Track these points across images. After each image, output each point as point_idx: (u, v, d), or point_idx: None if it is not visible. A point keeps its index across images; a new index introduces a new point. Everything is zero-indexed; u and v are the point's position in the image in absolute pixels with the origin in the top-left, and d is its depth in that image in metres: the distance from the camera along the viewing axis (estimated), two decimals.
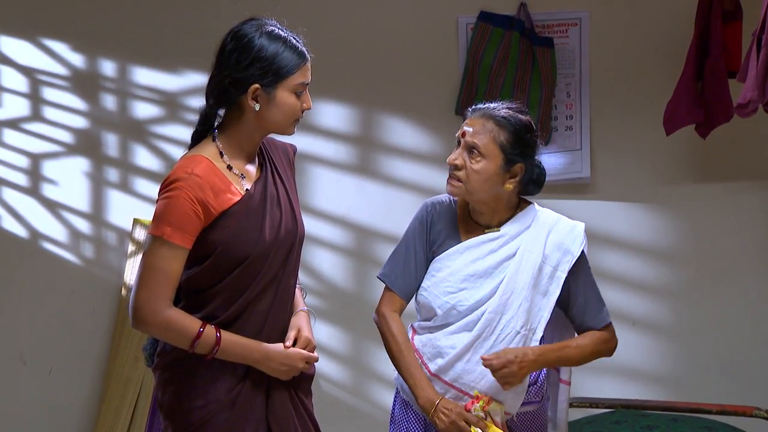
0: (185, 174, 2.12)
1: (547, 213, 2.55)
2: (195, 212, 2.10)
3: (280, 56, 2.14)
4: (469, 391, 2.43)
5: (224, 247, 2.15)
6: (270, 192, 2.24)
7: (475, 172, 2.42)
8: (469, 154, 2.44)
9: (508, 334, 2.43)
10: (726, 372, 3.80)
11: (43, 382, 4.06)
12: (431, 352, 2.48)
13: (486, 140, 2.42)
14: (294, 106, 2.20)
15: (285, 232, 2.24)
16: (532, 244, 2.47)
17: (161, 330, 2.14)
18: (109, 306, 4.03)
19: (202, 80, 3.94)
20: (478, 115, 2.47)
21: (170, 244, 2.10)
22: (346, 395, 4.00)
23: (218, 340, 2.14)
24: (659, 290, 3.85)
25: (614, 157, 3.85)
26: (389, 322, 2.52)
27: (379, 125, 3.96)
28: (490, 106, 2.49)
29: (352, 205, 3.99)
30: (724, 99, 3.45)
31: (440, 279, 2.49)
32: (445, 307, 2.47)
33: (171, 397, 2.22)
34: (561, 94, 3.86)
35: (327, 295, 3.92)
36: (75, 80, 4.07)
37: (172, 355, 2.21)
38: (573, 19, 3.85)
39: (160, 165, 4.05)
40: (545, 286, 2.47)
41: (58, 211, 4.09)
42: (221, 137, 2.22)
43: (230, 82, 2.15)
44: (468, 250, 2.49)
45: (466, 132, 2.46)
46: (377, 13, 3.96)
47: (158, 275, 2.10)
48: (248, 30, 2.16)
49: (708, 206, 3.82)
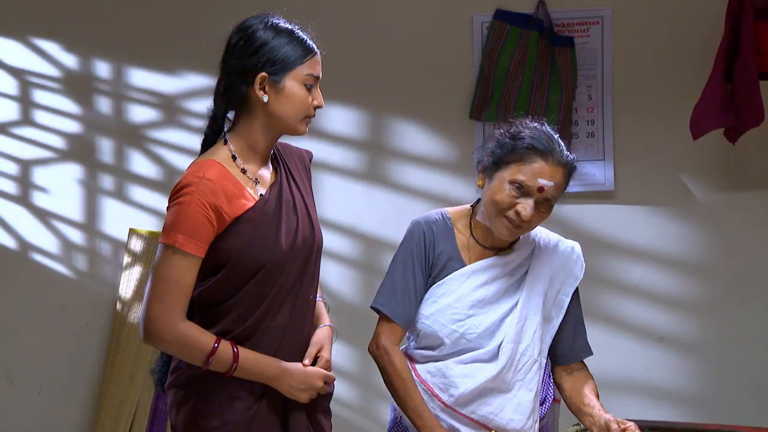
0: (196, 179, 2.09)
1: (545, 233, 2.47)
2: (208, 219, 2.08)
3: (286, 46, 2.14)
4: (488, 423, 2.35)
5: (239, 255, 2.12)
6: (285, 198, 2.21)
7: (540, 221, 2.33)
8: (537, 203, 2.28)
9: (526, 363, 2.37)
10: (758, 392, 3.71)
11: (31, 403, 4.04)
12: (443, 382, 2.37)
13: (558, 193, 2.31)
14: (303, 99, 2.17)
15: (302, 240, 2.21)
16: (539, 267, 2.41)
17: (175, 345, 2.10)
18: (103, 321, 4.01)
19: (201, 82, 3.98)
20: (557, 164, 2.28)
21: (183, 252, 2.06)
22: (353, 415, 3.93)
23: (236, 356, 2.10)
24: (687, 305, 3.76)
25: (638, 163, 3.78)
26: (392, 357, 2.37)
27: (389, 130, 3.92)
28: (557, 148, 2.30)
29: (361, 214, 3.95)
30: (755, 102, 3.38)
31: (445, 305, 2.37)
32: (453, 336, 2.36)
33: (186, 417, 2.18)
34: (582, 96, 3.79)
35: (334, 309, 3.71)
36: (67, 82, 4.07)
37: (187, 373, 2.17)
38: (594, 17, 3.78)
39: (157, 172, 4.06)
40: (548, 311, 2.41)
41: (50, 221, 4.11)
42: (233, 139, 2.20)
43: (236, 72, 2.15)
44: (474, 275, 2.37)
45: (545, 187, 2.27)
46: (387, 12, 3.92)
47: (171, 286, 2.06)
48: (253, 22, 2.18)
49: (738, 215, 3.74)
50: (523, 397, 2.35)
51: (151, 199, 4.02)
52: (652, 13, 3.74)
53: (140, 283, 3.93)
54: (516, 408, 2.34)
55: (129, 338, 3.89)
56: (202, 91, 3.97)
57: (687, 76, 3.68)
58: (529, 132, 2.32)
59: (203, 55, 3.95)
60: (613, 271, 3.74)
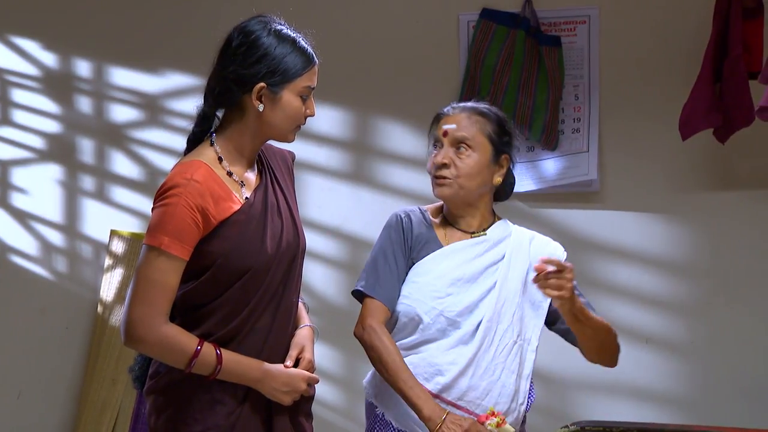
0: (184, 180, 2.07)
1: (522, 228, 2.58)
2: (194, 221, 2.06)
3: (288, 56, 2.13)
4: (475, 409, 2.37)
5: (224, 259, 2.11)
6: (270, 201, 2.20)
7: (467, 166, 2.43)
8: (456, 151, 2.45)
9: (506, 345, 2.41)
10: (746, 393, 3.69)
11: (10, 407, 4.02)
12: (428, 371, 2.39)
13: (474, 132, 2.45)
14: (298, 110, 2.18)
15: (286, 243, 2.20)
16: (517, 251, 2.48)
17: (157, 348, 2.08)
18: (84, 324, 3.99)
19: (183, 81, 3.95)
20: (459, 111, 2.50)
21: (168, 254, 2.05)
22: (338, 418, 3.91)
23: (219, 358, 2.09)
24: (674, 306, 3.75)
25: (626, 164, 3.77)
26: (380, 335, 2.39)
27: (375, 130, 3.90)
28: (466, 103, 2.54)
29: (346, 215, 3.94)
30: (745, 102, 3.37)
31: (424, 283, 2.43)
32: (432, 314, 2.40)
33: (166, 423, 2.16)
34: (569, 96, 3.77)
35: (319, 311, 3.86)
36: (47, 81, 4.06)
37: (167, 377, 2.15)
38: (581, 16, 3.76)
39: (139, 172, 4.04)
40: (533, 296, 2.45)
41: (29, 222, 4.09)
42: (220, 141, 2.18)
43: (234, 79, 2.13)
44: (453, 253, 2.45)
45: (448, 130, 2.47)
46: (372, 11, 3.90)
47: (154, 288, 2.05)
48: (256, 27, 2.15)
49: (726, 216, 3.72)
50: (506, 379, 2.38)
51: (132, 200, 4.01)
52: (639, 12, 3.73)
53: (122, 285, 3.91)
54: (501, 391, 2.37)
55: (110, 341, 3.87)
56: (185, 90, 3.96)
57: (674, 76, 3.67)
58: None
59: (186, 54, 3.95)
60: (600, 273, 3.72)
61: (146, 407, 2.21)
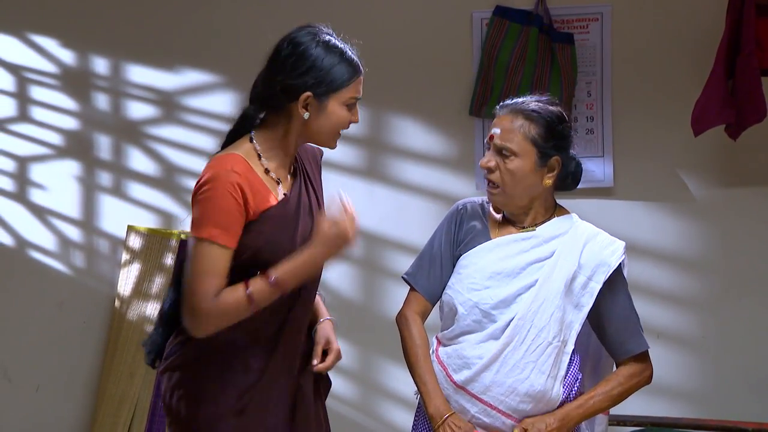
0: (224, 171, 2.09)
1: (587, 225, 2.48)
2: (237, 207, 2.08)
3: (336, 67, 2.16)
4: (498, 405, 2.34)
5: (254, 253, 2.13)
6: (303, 200, 2.23)
7: (510, 171, 2.38)
8: (501, 155, 2.40)
9: (539, 345, 2.35)
10: (757, 388, 3.69)
11: (29, 401, 4.02)
12: (457, 363, 2.39)
13: (517, 138, 2.37)
14: (343, 119, 2.21)
15: None
16: (568, 251, 2.40)
17: (222, 318, 2.10)
18: (102, 318, 3.99)
19: (200, 78, 3.96)
20: (506, 112, 2.42)
21: (217, 245, 2.08)
22: (353, 412, 3.91)
23: (276, 282, 2.09)
24: (686, 301, 3.75)
25: (638, 159, 3.76)
26: (410, 325, 2.46)
27: (388, 126, 3.89)
28: (518, 100, 2.44)
29: (359, 211, 3.81)
30: (757, 98, 3.37)
31: (465, 276, 2.43)
32: (467, 305, 2.39)
33: (179, 401, 2.19)
34: (581, 93, 3.78)
35: (333, 306, 3.73)
36: (65, 78, 4.04)
37: (181, 358, 2.19)
38: (594, 13, 3.77)
39: (155, 169, 4.03)
40: (578, 297, 2.39)
41: (47, 218, 4.08)
42: (259, 138, 2.21)
43: (282, 88, 2.16)
44: (498, 248, 2.42)
45: (494, 134, 2.42)
46: (386, 8, 3.90)
47: (210, 279, 2.08)
48: (305, 38, 2.18)
49: (738, 212, 3.72)
50: (535, 379, 2.32)
51: (149, 196, 4.00)
52: (652, 9, 3.72)
53: (139, 280, 3.91)
54: (527, 390, 2.33)
55: (128, 335, 3.87)
56: (201, 87, 3.95)
57: (686, 73, 3.66)
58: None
59: (202, 52, 3.97)
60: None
61: (162, 385, 2.24)
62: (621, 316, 2.42)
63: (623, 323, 2.41)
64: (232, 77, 3.92)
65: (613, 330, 2.41)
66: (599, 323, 2.42)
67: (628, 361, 2.42)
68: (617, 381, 2.40)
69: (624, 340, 2.41)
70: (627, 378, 2.40)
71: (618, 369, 2.44)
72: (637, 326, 2.43)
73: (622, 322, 2.42)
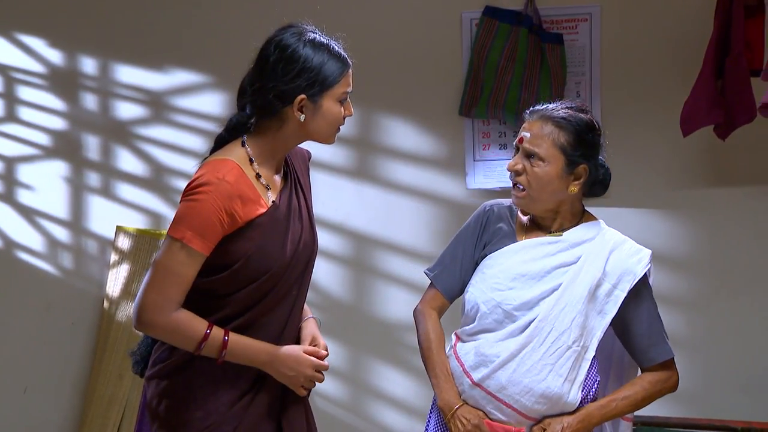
0: (216, 179, 2.09)
1: (614, 232, 2.51)
2: (220, 220, 2.09)
3: (325, 65, 2.15)
4: (514, 404, 2.35)
5: (246, 260, 2.13)
6: (293, 205, 2.24)
7: (536, 177, 2.39)
8: (529, 159, 2.41)
9: (559, 347, 2.36)
10: (747, 387, 3.70)
11: (16, 402, 4.01)
12: (475, 360, 2.40)
13: (546, 144, 2.39)
14: (338, 115, 2.21)
15: (303, 246, 2.24)
16: (593, 257, 2.41)
17: (167, 332, 2.11)
18: (90, 320, 3.98)
19: (189, 78, 3.95)
20: (536, 118, 2.43)
21: (189, 248, 2.08)
22: (342, 412, 3.90)
23: (225, 343, 2.12)
24: (674, 301, 3.74)
25: (626, 160, 3.74)
26: (426, 319, 2.52)
27: (378, 126, 3.88)
28: (549, 106, 2.45)
29: (350, 211, 3.92)
30: (746, 99, 3.36)
31: (490, 275, 2.45)
32: (490, 304, 2.41)
33: (167, 408, 2.18)
34: (570, 93, 3.77)
35: (323, 306, 3.86)
36: (53, 78, 4.03)
37: (171, 364, 2.18)
38: (583, 14, 3.77)
39: (144, 169, 4.02)
40: (601, 305, 2.40)
41: (35, 219, 4.07)
42: (252, 143, 2.20)
43: (275, 95, 2.14)
44: (524, 250, 2.45)
45: (523, 138, 2.43)
46: (376, 9, 3.88)
47: (171, 278, 2.08)
48: (290, 39, 2.16)
49: (726, 212, 3.72)
50: (552, 382, 2.33)
51: (138, 197, 3.98)
52: (641, 9, 3.72)
53: (128, 281, 3.89)
54: (543, 392, 2.33)
55: (117, 337, 3.86)
56: (190, 87, 3.93)
57: (675, 73, 3.66)
58: None
59: (191, 52, 3.95)
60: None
61: (147, 393, 2.23)
62: (645, 325, 2.43)
63: (647, 332, 2.43)
64: (220, 77, 3.90)
65: (637, 338, 2.42)
66: (624, 331, 2.44)
67: (654, 367, 2.43)
68: (641, 386, 2.41)
69: (648, 348, 2.42)
70: (651, 384, 2.42)
71: (643, 374, 2.45)
72: (661, 334, 2.44)
73: (647, 330, 2.43)
